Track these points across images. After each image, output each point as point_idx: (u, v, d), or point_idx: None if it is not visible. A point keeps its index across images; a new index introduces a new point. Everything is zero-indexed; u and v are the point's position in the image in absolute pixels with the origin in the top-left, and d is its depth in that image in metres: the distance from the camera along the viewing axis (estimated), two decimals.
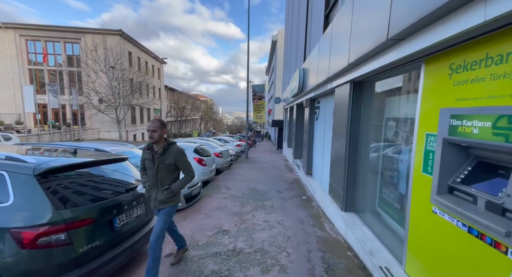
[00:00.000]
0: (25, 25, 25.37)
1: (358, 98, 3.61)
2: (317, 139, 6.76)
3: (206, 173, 6.88)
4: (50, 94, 21.52)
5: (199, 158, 6.78)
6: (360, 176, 3.69)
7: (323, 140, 5.88)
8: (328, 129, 5.41)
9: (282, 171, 9.34)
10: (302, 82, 7.14)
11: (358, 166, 3.71)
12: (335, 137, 4.23)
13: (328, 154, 5.31)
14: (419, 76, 2.17)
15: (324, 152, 5.80)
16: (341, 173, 3.88)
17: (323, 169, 5.87)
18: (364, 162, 3.62)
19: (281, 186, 6.78)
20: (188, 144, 7.03)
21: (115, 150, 4.69)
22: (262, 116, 14.53)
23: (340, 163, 3.94)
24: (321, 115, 6.23)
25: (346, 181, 3.74)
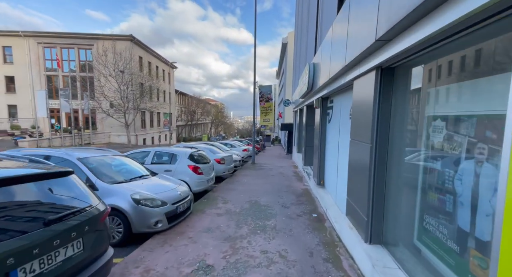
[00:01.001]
0: (43, 33, 26.23)
1: (387, 90, 2.66)
2: (329, 144, 5.79)
3: (202, 183, 6.06)
4: (62, 98, 21.83)
5: (194, 165, 5.99)
6: (391, 195, 2.71)
7: (337, 146, 4.91)
8: (344, 132, 4.45)
9: (290, 179, 8.37)
10: (312, 78, 6.22)
11: (387, 182, 2.74)
12: (354, 142, 3.28)
13: (344, 163, 4.34)
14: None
15: (339, 160, 4.82)
16: (363, 190, 2.91)
17: (337, 181, 4.88)
18: (397, 177, 2.64)
19: (288, 199, 5.83)
20: (182, 150, 6.27)
21: (90, 157, 3.98)
22: (270, 119, 13.64)
23: (361, 177, 2.98)
24: (335, 116, 5.27)
25: (371, 202, 2.78)
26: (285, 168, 11.20)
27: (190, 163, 5.98)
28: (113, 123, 24.64)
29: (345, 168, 4.29)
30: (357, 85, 3.23)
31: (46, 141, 20.59)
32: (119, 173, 4.17)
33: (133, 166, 4.74)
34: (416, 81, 2.45)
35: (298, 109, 13.46)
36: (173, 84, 40.17)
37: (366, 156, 2.82)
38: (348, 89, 4.24)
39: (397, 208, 2.64)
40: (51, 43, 26.53)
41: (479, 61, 1.72)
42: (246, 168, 11.08)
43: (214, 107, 58.63)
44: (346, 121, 4.32)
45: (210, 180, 6.57)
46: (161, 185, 4.29)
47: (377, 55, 2.58)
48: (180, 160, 6.02)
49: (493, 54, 1.60)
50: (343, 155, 4.51)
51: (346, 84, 3.91)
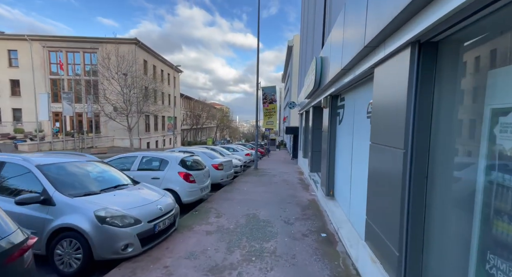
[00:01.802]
0: (48, 37, 26.47)
1: (427, 75, 1.90)
2: (340, 149, 5.00)
3: (195, 192, 5.35)
4: (65, 102, 21.71)
5: (185, 172, 5.28)
6: (435, 222, 1.92)
7: (350, 151, 4.13)
8: (359, 135, 3.68)
9: (295, 188, 7.57)
10: (320, 74, 5.48)
11: (429, 203, 1.95)
12: (377, 148, 2.50)
13: (359, 171, 3.55)
14: None
15: (352, 168, 4.03)
16: (392, 212, 2.14)
17: (351, 192, 4.08)
18: (444, 197, 1.86)
19: (292, 212, 5.04)
20: (173, 155, 5.58)
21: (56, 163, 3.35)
22: (274, 122, 12.89)
23: (389, 193, 2.20)
24: (347, 116, 4.51)
25: (404, 229, 1.99)
26: (290, 175, 10.39)
27: (180, 170, 5.29)
28: (116, 127, 24.39)
29: (361, 178, 3.50)
30: (381, 72, 2.48)
31: (47, 144, 20.40)
32: (88, 183, 3.50)
33: (112, 174, 4.08)
34: (472, 60, 1.69)
35: (303, 111, 12.69)
36: (178, 88, 40.09)
37: (397, 165, 2.05)
38: (365, 82, 3.49)
39: (444, 241, 1.84)
40: (57, 47, 26.73)
41: None
42: (248, 174, 10.33)
43: (219, 111, 58.40)
44: (362, 122, 3.55)
45: (205, 189, 5.85)
46: (138, 197, 3.59)
47: (413, 24, 1.84)
48: (170, 166, 5.33)
49: None
50: (358, 162, 3.72)
51: (363, 75, 3.16)
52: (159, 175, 5.24)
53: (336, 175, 5.33)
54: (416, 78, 1.91)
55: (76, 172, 3.57)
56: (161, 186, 5.17)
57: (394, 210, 2.10)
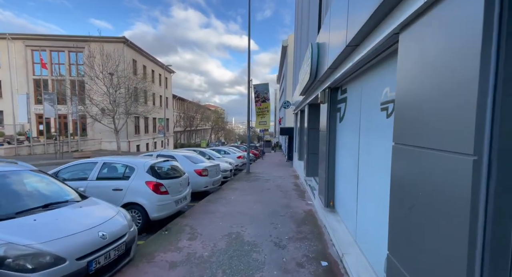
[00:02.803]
0: (31, 35, 25.20)
1: None
2: (342, 151, 4.14)
3: (167, 206, 4.40)
4: (47, 103, 20.46)
5: (155, 182, 4.33)
6: None
7: (356, 154, 3.26)
8: (369, 133, 2.82)
9: (289, 195, 6.67)
10: (317, 62, 4.63)
11: None
12: (408, 152, 1.61)
13: (371, 179, 2.69)
14: None
15: (360, 175, 3.17)
16: (448, 257, 1.26)
17: (359, 206, 3.21)
18: None
19: (285, 229, 4.13)
20: (140, 161, 4.62)
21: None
22: (267, 122, 11.99)
23: (441, 225, 1.33)
24: (351, 111, 3.65)
25: None
26: (284, 179, 9.50)
27: (149, 179, 4.33)
28: (103, 129, 23.20)
29: (374, 188, 2.64)
30: (415, 35, 1.60)
31: (26, 148, 19.10)
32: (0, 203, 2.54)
33: (46, 187, 3.12)
34: None
35: (298, 111, 11.86)
36: (170, 88, 38.99)
37: (459, 180, 1.17)
38: (377, 64, 2.62)
39: None
40: (40, 46, 25.46)
41: None
42: (238, 179, 9.40)
43: (214, 113, 57.39)
44: (374, 116, 2.69)
45: (181, 200, 4.90)
46: (74, 221, 2.64)
47: None
48: (136, 174, 4.38)
49: None
50: (367, 167, 2.85)
51: (377, 52, 2.29)
52: (122, 185, 4.27)
53: (337, 182, 4.46)
54: (499, 30, 1.04)
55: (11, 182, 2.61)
56: (123, 199, 4.22)
57: (451, 252, 1.22)
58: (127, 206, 4.24)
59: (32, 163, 3.94)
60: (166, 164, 5.09)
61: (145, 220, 4.18)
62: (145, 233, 4.17)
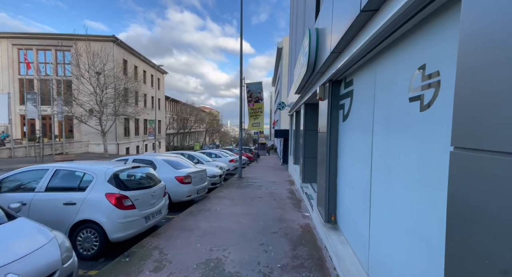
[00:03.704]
0: (17, 34, 24.10)
1: None
2: (347, 156, 3.41)
3: (133, 224, 3.57)
4: (29, 103, 19.36)
5: (118, 194, 3.51)
6: None
7: (369, 160, 2.54)
8: (387, 133, 2.09)
9: (284, 205, 5.90)
10: (316, 51, 3.91)
11: None
12: (478, 159, 0.89)
13: (395, 195, 1.94)
14: None
15: (373, 187, 2.43)
16: None
17: (372, 226, 2.47)
18: None
19: (277, 253, 3.36)
20: (100, 167, 3.78)
21: None
22: (260, 123, 11.24)
23: None
24: (358, 107, 2.93)
25: None
26: (279, 185, 8.73)
27: (110, 190, 3.51)
28: (91, 131, 22.13)
29: (397, 207, 1.90)
30: None
31: (7, 151, 17.90)
32: None
33: None
34: None
35: (294, 112, 11.17)
36: (162, 89, 38.04)
37: None
38: (404, 37, 1.91)
39: None
40: (27, 45, 24.40)
41: None
42: (228, 185, 8.59)
43: (208, 115, 56.50)
44: (397, 109, 1.97)
45: (155, 215, 4.08)
46: None
47: None
48: (95, 184, 3.55)
49: None
50: (387, 179, 2.12)
51: (415, 8, 1.57)
52: (76, 198, 3.44)
53: (341, 193, 3.72)
54: None
55: None
56: (76, 216, 3.38)
57: None
58: (81, 225, 3.41)
59: (4, 167, 3.09)
60: (136, 171, 4.27)
61: (104, 242, 3.35)
62: (103, 258, 3.34)
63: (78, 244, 3.38)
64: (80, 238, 3.41)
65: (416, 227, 1.67)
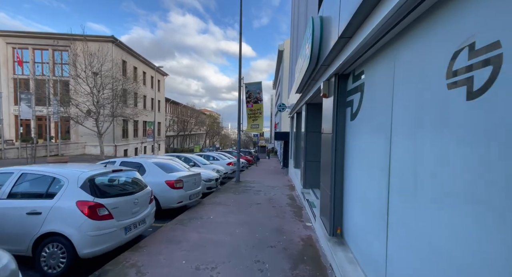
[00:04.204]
0: (13, 32, 23.84)
1: None
2: (356, 160, 2.94)
3: (108, 237, 3.09)
4: (23, 103, 18.98)
5: (92, 202, 3.05)
6: None
7: (386, 166, 2.07)
8: (412, 132, 1.62)
9: (283, 214, 5.42)
10: (319, 41, 3.48)
11: None
12: None
13: (427, 215, 1.45)
14: None
15: (391, 200, 1.97)
16: None
17: (389, 247, 2.00)
18: None
19: (275, 273, 2.87)
20: (73, 171, 3.32)
21: None
22: (259, 125, 10.80)
23: None
24: (371, 102, 2.48)
25: None
26: (278, 190, 8.25)
27: (83, 198, 3.05)
28: (88, 132, 21.72)
29: (426, 225, 1.41)
30: None
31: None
32: None
33: None
34: None
35: (294, 113, 10.73)
36: (163, 91, 37.75)
37: None
38: (437, 8, 1.47)
39: None
40: (22, 44, 24.15)
41: None
42: (225, 190, 8.11)
43: (209, 117, 56.15)
44: (429, 100, 1.51)
45: (137, 225, 3.60)
46: None
47: None
48: (66, 190, 3.09)
49: None
50: (414, 192, 1.65)
51: None
52: (42, 207, 2.97)
53: (348, 203, 3.25)
54: None
55: None
56: (41, 228, 2.91)
57: None
58: (46, 238, 2.95)
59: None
60: (117, 176, 3.81)
61: (72, 258, 2.87)
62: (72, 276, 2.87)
63: (42, 260, 2.90)
64: (45, 253, 2.94)
65: (460, 257, 1.20)
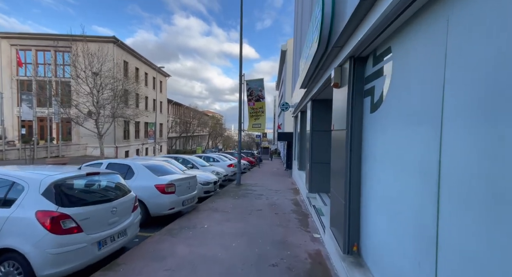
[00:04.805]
0: (16, 34, 23.86)
1: None
2: (380, 162, 2.34)
3: (75, 254, 2.55)
4: (24, 104, 18.80)
5: (56, 213, 2.51)
6: None
7: (434, 170, 1.47)
8: (481, 122, 1.00)
9: (287, 222, 4.82)
10: (331, 17, 2.91)
11: None
12: None
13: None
14: None
15: (442, 217, 1.36)
16: None
17: (438, 272, 1.39)
18: None
19: None
20: (35, 175, 2.79)
21: None
22: (261, 124, 10.23)
23: None
24: (402, 87, 1.89)
25: None
26: (281, 194, 7.65)
27: (44, 207, 2.51)
28: (89, 133, 21.44)
29: None
30: None
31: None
32: None
33: None
34: None
35: (298, 112, 10.14)
36: (165, 92, 37.51)
37: None
38: None
39: None
40: (26, 45, 24.16)
41: None
42: (224, 194, 7.54)
43: (211, 118, 55.81)
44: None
45: (116, 238, 3.06)
46: None
47: None
48: (25, 198, 2.56)
49: None
50: (482, 203, 1.04)
51: None
52: None
53: (368, 214, 2.65)
54: None
55: None
56: None
57: None
58: (1, 255, 2.42)
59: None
60: (93, 180, 3.27)
61: None
62: None
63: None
64: (0, 273, 2.41)
65: None
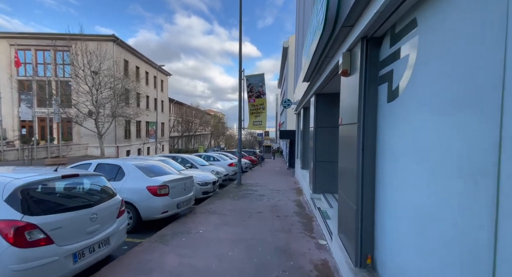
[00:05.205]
0: (15, 34, 23.73)
1: None
2: (401, 161, 1.94)
3: (42, 271, 2.19)
4: (24, 104, 18.63)
5: (22, 222, 2.16)
6: None
7: (490, 171, 1.07)
8: None
9: (289, 226, 4.44)
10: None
11: None
12: None
13: None
14: None
15: (501, 231, 0.97)
16: None
17: None
18: None
19: None
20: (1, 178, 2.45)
21: None
22: (262, 122, 9.82)
23: None
24: (433, 67, 1.49)
25: None
26: (284, 195, 7.26)
27: (5, 217, 2.16)
28: (89, 133, 21.26)
29: None
30: None
31: None
32: None
33: None
34: None
35: (301, 109, 9.72)
36: (166, 91, 37.24)
37: None
38: None
39: None
40: (26, 45, 24.01)
41: None
42: (223, 194, 7.18)
43: (213, 117, 55.54)
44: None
45: (96, 249, 2.71)
46: None
47: None
48: None
49: None
50: None
51: None
52: None
53: (385, 222, 2.25)
54: None
55: None
56: None
57: None
58: None
59: None
60: (71, 183, 2.92)
61: None
62: None
63: None
64: None
65: None
